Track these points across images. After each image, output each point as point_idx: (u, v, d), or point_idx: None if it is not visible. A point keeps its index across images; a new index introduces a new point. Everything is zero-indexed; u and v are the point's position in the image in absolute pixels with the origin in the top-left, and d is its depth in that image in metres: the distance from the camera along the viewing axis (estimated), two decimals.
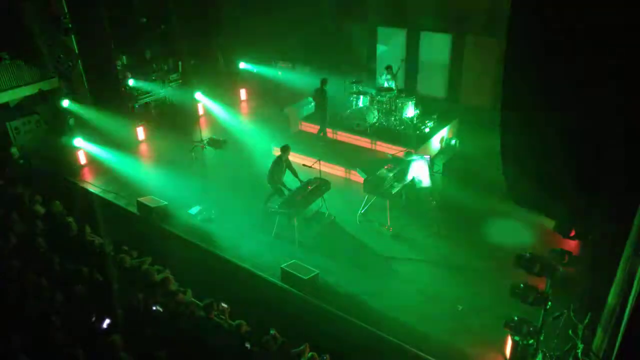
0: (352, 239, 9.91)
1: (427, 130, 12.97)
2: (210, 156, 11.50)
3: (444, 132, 13.29)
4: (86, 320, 6.88)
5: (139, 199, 10.85)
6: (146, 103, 15.25)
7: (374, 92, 13.60)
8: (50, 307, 6.98)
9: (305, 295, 8.31)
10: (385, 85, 13.76)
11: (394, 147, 12.01)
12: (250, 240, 9.84)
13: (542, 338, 6.18)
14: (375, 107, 13.33)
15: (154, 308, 7.25)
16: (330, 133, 13.57)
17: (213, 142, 10.65)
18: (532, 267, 6.07)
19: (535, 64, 4.91)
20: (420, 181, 9.77)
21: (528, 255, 6.18)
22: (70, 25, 12.50)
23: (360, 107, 13.26)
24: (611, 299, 4.97)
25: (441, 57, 14.86)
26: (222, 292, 8.03)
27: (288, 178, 10.52)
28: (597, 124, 4.74)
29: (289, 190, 10.21)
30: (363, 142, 13.15)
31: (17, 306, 6.90)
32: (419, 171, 9.72)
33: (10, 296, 7.15)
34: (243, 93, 16.95)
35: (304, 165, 10.49)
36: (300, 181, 10.35)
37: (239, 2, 16.44)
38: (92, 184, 12.30)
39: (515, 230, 9.48)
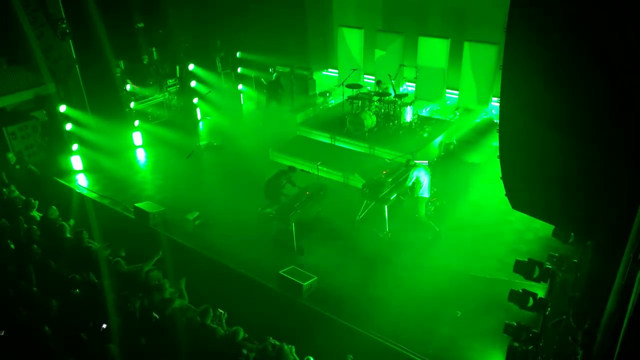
0: (351, 245, 9.86)
1: (425, 135, 12.96)
2: (207, 160, 11.48)
3: (442, 137, 13.28)
4: (82, 328, 6.82)
5: (136, 204, 10.81)
6: (144, 108, 15.24)
7: (372, 96, 13.59)
8: (44, 315, 6.93)
9: (303, 302, 8.26)
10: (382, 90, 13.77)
11: (392, 152, 11.99)
12: (247, 246, 9.79)
13: (541, 344, 6.14)
14: (374, 112, 13.31)
15: (150, 314, 7.19)
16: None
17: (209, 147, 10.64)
18: (531, 272, 6.06)
19: (536, 66, 4.86)
20: (419, 187, 9.72)
21: (527, 261, 6.16)
22: (68, 30, 12.49)
23: (358, 112, 13.26)
24: (610, 304, 4.94)
25: (439, 62, 14.87)
26: (219, 298, 7.98)
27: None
28: (599, 126, 4.71)
29: (286, 196, 10.18)
30: (361, 147, 13.13)
31: (10, 313, 6.84)
32: (420, 178, 9.69)
33: (4, 304, 7.09)
34: (241, 98, 16.95)
35: (301, 170, 10.46)
36: (298, 187, 10.33)
37: (238, 7, 16.45)
38: (89, 189, 12.26)
39: (514, 235, 9.47)
